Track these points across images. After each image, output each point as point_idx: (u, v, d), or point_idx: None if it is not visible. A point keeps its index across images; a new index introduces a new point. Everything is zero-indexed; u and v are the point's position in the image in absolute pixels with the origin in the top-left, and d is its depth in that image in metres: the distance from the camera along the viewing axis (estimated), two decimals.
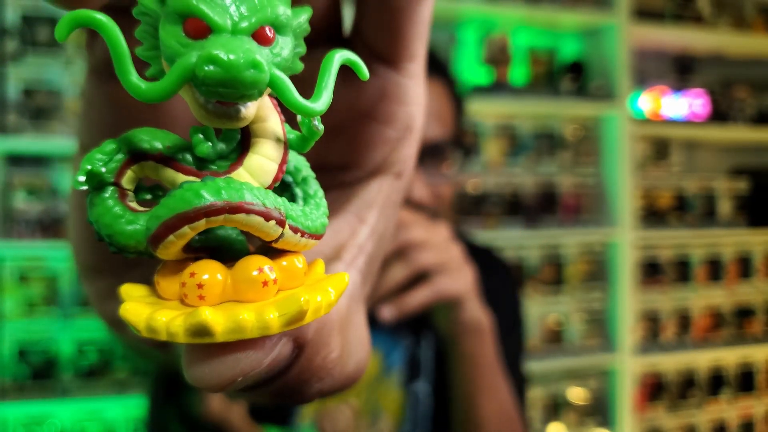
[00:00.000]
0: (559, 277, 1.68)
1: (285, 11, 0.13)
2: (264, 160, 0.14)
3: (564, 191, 1.71)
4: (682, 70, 1.92)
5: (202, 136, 0.13)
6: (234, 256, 0.14)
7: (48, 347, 1.36)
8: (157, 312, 0.12)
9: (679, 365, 1.78)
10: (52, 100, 1.37)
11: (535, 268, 1.67)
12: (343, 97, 0.17)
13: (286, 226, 0.13)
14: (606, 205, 1.71)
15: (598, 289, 1.72)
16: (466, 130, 1.23)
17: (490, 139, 1.66)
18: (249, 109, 0.13)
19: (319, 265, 0.15)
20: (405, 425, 0.69)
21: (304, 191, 0.15)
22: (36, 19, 1.36)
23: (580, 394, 1.69)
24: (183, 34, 0.12)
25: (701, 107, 1.85)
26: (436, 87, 0.72)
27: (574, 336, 1.69)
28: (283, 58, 0.13)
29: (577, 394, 1.69)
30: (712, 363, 1.81)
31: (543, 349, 1.65)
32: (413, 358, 0.71)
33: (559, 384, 1.69)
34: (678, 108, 1.86)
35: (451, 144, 0.74)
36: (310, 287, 0.14)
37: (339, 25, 0.18)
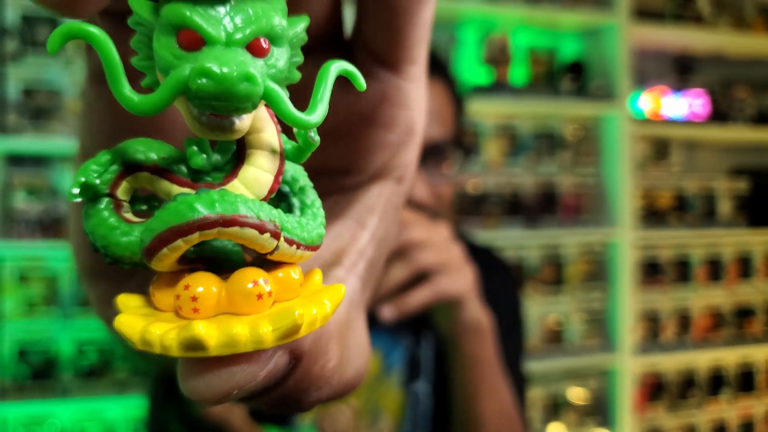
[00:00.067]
0: (559, 277, 1.68)
1: (280, 22, 0.13)
2: (259, 172, 0.14)
3: (564, 191, 1.71)
4: (682, 70, 1.92)
5: (197, 148, 0.13)
6: (230, 266, 0.14)
7: (48, 347, 1.36)
8: (151, 325, 0.12)
9: (679, 365, 1.78)
10: (52, 100, 1.37)
11: (535, 268, 1.67)
12: (343, 101, 0.17)
13: (281, 238, 0.13)
14: (606, 205, 1.71)
15: (598, 289, 1.72)
16: (466, 130, 1.23)
17: (490, 139, 1.66)
18: (244, 121, 0.13)
19: (316, 274, 0.15)
20: (405, 425, 0.69)
21: (302, 201, 0.15)
22: (36, 19, 1.36)
23: (580, 394, 1.69)
24: (177, 46, 0.12)
25: (701, 107, 1.85)
26: (436, 87, 0.72)
27: (574, 336, 1.69)
28: (279, 69, 0.13)
29: (577, 394, 1.69)
30: (712, 363, 1.81)
31: (543, 349, 1.65)
32: (413, 358, 0.71)
33: (559, 384, 1.69)
34: (678, 108, 1.86)
35: (451, 144, 0.74)
36: (306, 299, 0.14)
37: (340, 29, 0.18)
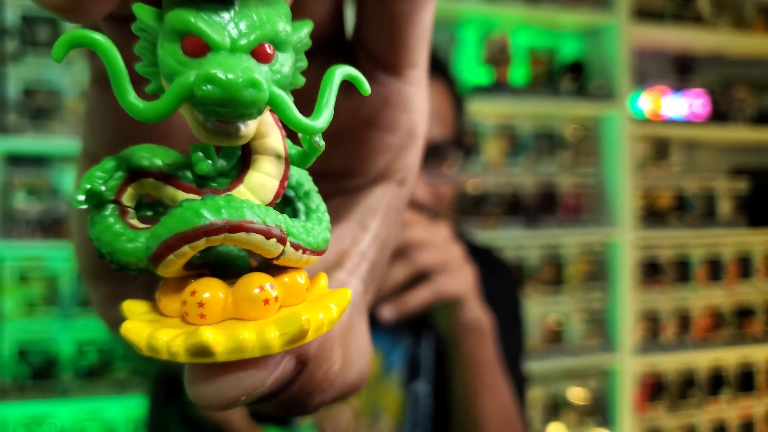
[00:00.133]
0: (559, 277, 1.68)
1: (285, 27, 0.13)
2: (265, 177, 0.14)
3: (564, 191, 1.71)
4: (682, 70, 1.92)
5: (202, 154, 0.13)
6: (236, 272, 0.14)
7: (48, 347, 1.36)
8: (158, 331, 0.12)
9: (679, 365, 1.78)
10: (52, 100, 1.37)
11: (535, 268, 1.67)
12: (345, 105, 0.17)
13: (287, 243, 0.13)
14: (606, 205, 1.71)
15: (598, 289, 1.72)
16: (466, 130, 1.23)
17: (490, 139, 1.66)
18: (249, 127, 0.13)
19: (321, 278, 0.15)
20: (405, 425, 0.69)
21: (307, 206, 0.15)
22: (36, 19, 1.36)
23: (580, 394, 1.69)
24: (181, 52, 0.12)
25: (701, 107, 1.85)
26: (436, 87, 0.72)
27: (574, 336, 1.69)
28: (283, 75, 0.13)
29: (577, 394, 1.69)
30: (712, 363, 1.81)
31: (543, 349, 1.65)
32: (413, 358, 0.71)
33: (559, 384, 1.69)
34: (678, 108, 1.86)
35: (451, 144, 0.74)
36: (312, 304, 0.14)
37: (341, 32, 0.18)
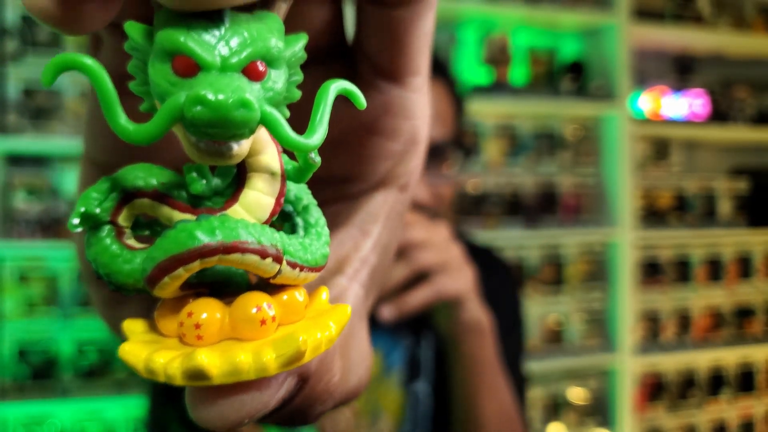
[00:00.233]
0: (559, 277, 1.68)
1: (277, 44, 0.12)
2: (260, 195, 0.13)
3: (564, 191, 1.71)
4: (682, 70, 1.92)
5: (196, 174, 0.13)
6: (235, 290, 0.14)
7: (48, 347, 1.36)
8: (155, 353, 0.12)
9: (679, 365, 1.78)
10: (52, 100, 1.37)
11: (535, 268, 1.67)
12: (346, 112, 0.17)
13: (284, 262, 0.13)
14: (606, 205, 1.71)
15: (598, 289, 1.72)
16: (466, 130, 1.23)
17: (490, 139, 1.66)
18: (242, 146, 0.12)
19: (322, 292, 0.15)
20: (405, 425, 0.69)
21: (305, 221, 0.15)
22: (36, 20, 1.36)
23: (580, 394, 1.69)
24: (172, 72, 0.12)
25: (701, 107, 1.85)
26: (436, 87, 0.72)
27: (574, 336, 1.69)
28: (276, 92, 0.13)
29: (577, 394, 1.69)
30: (712, 363, 1.81)
31: (543, 349, 1.65)
32: (413, 358, 0.71)
33: (559, 384, 1.69)
34: (678, 108, 1.86)
35: (451, 144, 0.74)
36: (312, 322, 0.14)
37: (342, 39, 0.18)
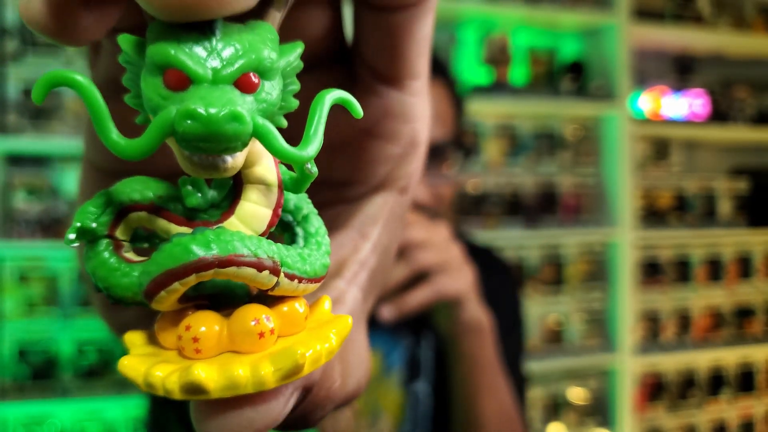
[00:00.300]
0: (559, 277, 1.68)
1: (269, 54, 0.12)
2: (256, 207, 0.13)
3: (564, 191, 1.71)
4: (682, 70, 1.92)
5: (191, 187, 0.13)
6: (235, 301, 0.14)
7: (48, 347, 1.36)
8: (153, 367, 0.12)
9: (679, 365, 1.78)
10: (52, 100, 1.37)
11: (535, 268, 1.67)
12: (345, 115, 0.17)
13: (281, 274, 0.13)
14: (606, 205, 1.71)
15: (598, 289, 1.72)
16: (466, 130, 1.23)
17: (490, 139, 1.66)
18: (236, 159, 0.12)
19: (324, 302, 0.15)
20: (405, 425, 0.69)
21: (305, 230, 0.15)
22: None
23: (580, 394, 1.69)
24: (163, 86, 0.12)
25: (701, 107, 1.85)
26: (436, 87, 0.72)
27: (574, 336, 1.69)
28: (270, 103, 0.12)
29: (577, 394, 1.69)
30: (712, 363, 1.81)
31: (543, 349, 1.65)
32: (413, 358, 0.71)
33: (559, 384, 1.69)
34: (678, 108, 1.86)
35: (451, 144, 0.74)
36: (312, 333, 0.13)
37: (341, 44, 0.18)
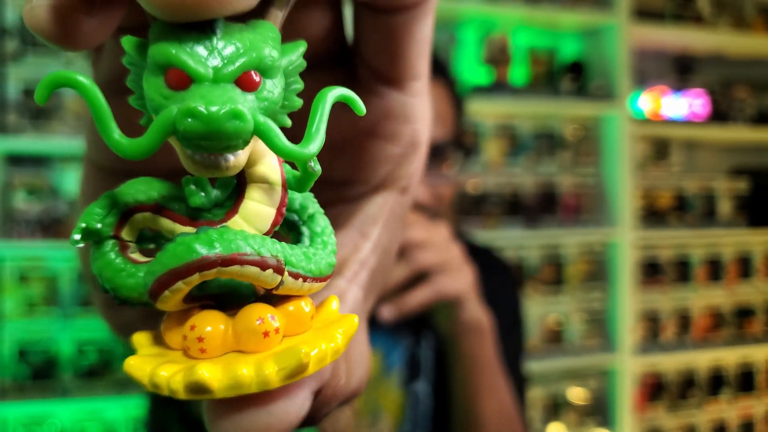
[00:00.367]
0: (559, 277, 1.68)
1: (271, 53, 0.12)
2: (260, 206, 0.13)
3: (564, 191, 1.71)
4: (682, 70, 1.92)
5: (195, 186, 0.13)
6: (241, 301, 0.14)
7: (48, 347, 1.36)
8: (159, 367, 0.12)
9: (679, 365, 1.78)
10: (52, 100, 1.37)
11: (535, 268, 1.67)
12: (346, 116, 0.17)
13: (285, 273, 0.13)
14: (606, 205, 1.71)
15: (598, 289, 1.72)
16: (466, 130, 1.23)
17: (490, 139, 1.66)
18: (239, 157, 0.12)
19: (332, 302, 0.15)
20: (405, 425, 0.69)
21: (311, 230, 0.15)
22: None
23: (580, 394, 1.69)
24: (165, 86, 0.12)
25: (701, 107, 1.85)
26: (436, 87, 0.72)
27: (574, 336, 1.69)
28: (272, 101, 0.12)
29: (577, 394, 1.69)
30: (712, 363, 1.81)
31: (543, 349, 1.65)
32: (413, 358, 0.71)
33: (559, 384, 1.69)
34: (678, 108, 1.86)
35: (451, 144, 0.74)
36: (318, 333, 0.13)
37: (342, 44, 0.18)
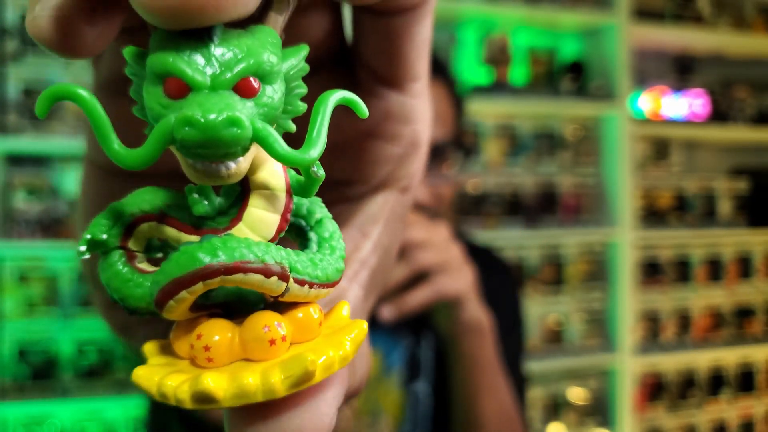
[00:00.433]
0: (559, 277, 1.68)
1: (269, 58, 0.12)
2: (264, 213, 0.13)
3: (564, 191, 1.71)
4: (682, 70, 1.92)
5: (197, 195, 0.13)
6: (249, 308, 0.14)
7: (48, 347, 1.36)
8: (166, 377, 0.12)
9: (679, 365, 1.78)
10: None
11: (535, 268, 1.67)
12: (346, 117, 0.17)
13: (290, 280, 0.13)
14: (606, 205, 1.71)
15: (598, 289, 1.72)
16: (466, 130, 1.23)
17: (490, 139, 1.66)
18: (240, 165, 0.12)
19: (342, 308, 0.15)
20: (405, 425, 0.69)
21: (319, 235, 0.15)
22: None
23: (580, 394, 1.69)
24: (164, 95, 0.12)
25: (701, 107, 1.85)
26: (436, 87, 0.72)
27: (574, 336, 1.69)
28: (272, 107, 0.12)
29: (577, 394, 1.69)
30: (712, 363, 1.81)
31: (543, 349, 1.65)
32: (413, 358, 0.71)
33: (559, 384, 1.69)
34: (678, 108, 1.86)
35: (451, 144, 0.74)
36: (326, 340, 0.13)
37: (343, 45, 0.18)
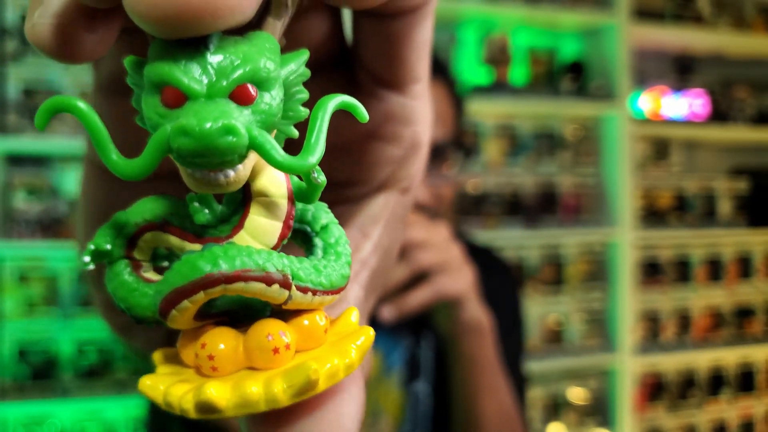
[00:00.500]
0: (559, 277, 1.68)
1: (266, 65, 0.12)
2: (265, 220, 0.13)
3: (564, 191, 1.71)
4: (682, 70, 1.92)
5: (198, 204, 0.13)
6: (255, 316, 0.14)
7: (48, 347, 1.36)
8: (171, 387, 0.12)
9: (679, 365, 1.78)
10: None
11: (535, 268, 1.67)
12: (347, 119, 0.17)
13: (293, 287, 0.13)
14: (606, 205, 1.71)
15: (598, 289, 1.72)
16: (466, 130, 1.23)
17: (490, 139, 1.66)
18: (239, 173, 0.12)
19: (351, 314, 0.15)
20: (405, 425, 0.69)
21: (325, 241, 0.15)
22: None
23: (580, 394, 1.69)
24: (161, 104, 0.12)
25: (701, 107, 1.85)
26: (436, 87, 0.72)
27: (574, 336, 1.69)
28: (270, 114, 0.12)
29: (577, 394, 1.69)
30: (712, 363, 1.81)
31: (543, 349, 1.65)
32: (413, 358, 0.71)
33: (559, 384, 1.69)
34: (678, 108, 1.86)
35: (451, 144, 0.74)
36: (331, 347, 0.13)
37: (343, 47, 0.18)
